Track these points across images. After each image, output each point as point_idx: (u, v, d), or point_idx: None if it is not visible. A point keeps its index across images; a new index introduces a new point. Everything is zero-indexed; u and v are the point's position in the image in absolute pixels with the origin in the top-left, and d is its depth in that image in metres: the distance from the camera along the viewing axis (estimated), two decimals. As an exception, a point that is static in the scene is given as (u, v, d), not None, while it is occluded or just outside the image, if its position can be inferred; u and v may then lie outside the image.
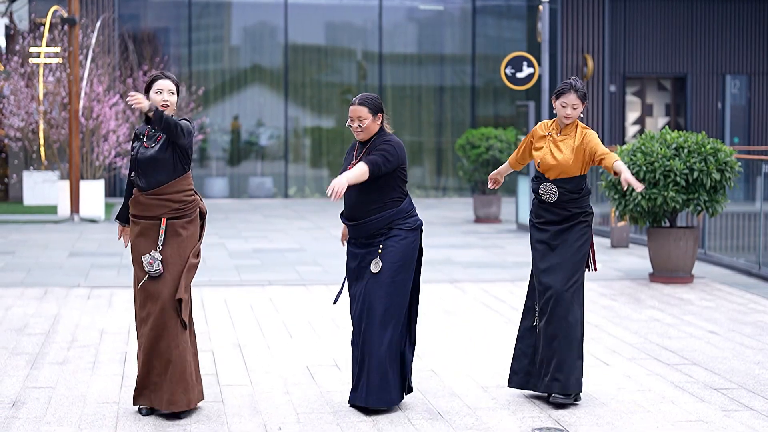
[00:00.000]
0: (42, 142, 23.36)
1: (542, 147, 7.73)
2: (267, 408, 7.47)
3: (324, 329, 10.32)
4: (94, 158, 22.58)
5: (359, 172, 7.14)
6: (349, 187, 7.19)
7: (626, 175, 7.28)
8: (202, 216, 7.42)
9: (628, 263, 14.87)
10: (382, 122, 7.45)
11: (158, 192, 7.18)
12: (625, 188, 7.72)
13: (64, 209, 21.34)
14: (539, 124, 7.88)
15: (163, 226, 7.18)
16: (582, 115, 7.79)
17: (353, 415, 7.28)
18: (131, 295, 12.03)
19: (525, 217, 19.28)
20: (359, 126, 7.37)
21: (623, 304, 11.73)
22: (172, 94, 7.25)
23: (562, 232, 7.64)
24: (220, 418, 7.20)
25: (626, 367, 8.73)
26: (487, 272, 14.09)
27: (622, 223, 16.27)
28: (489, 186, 7.47)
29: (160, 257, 7.14)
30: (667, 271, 13.17)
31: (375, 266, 7.32)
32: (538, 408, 7.52)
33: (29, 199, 24.44)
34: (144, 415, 7.22)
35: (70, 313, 11.00)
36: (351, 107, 7.40)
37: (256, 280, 13.27)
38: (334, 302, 7.74)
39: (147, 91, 7.28)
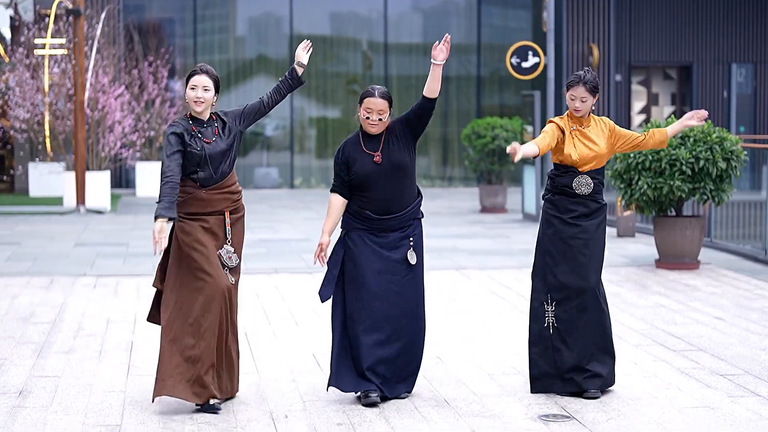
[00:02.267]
0: (47, 133, 23.37)
1: (570, 143, 7.62)
2: (273, 396, 7.47)
3: (330, 318, 10.30)
4: (99, 149, 22.59)
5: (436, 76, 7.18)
6: (384, 185, 7.25)
7: (687, 123, 7.62)
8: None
9: (634, 250, 14.85)
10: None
11: (221, 185, 7.22)
12: (702, 122, 7.66)
13: (70, 200, 21.35)
14: (556, 119, 7.73)
15: (228, 219, 7.25)
16: (594, 108, 7.69)
17: (359, 403, 7.28)
18: (137, 284, 12.07)
19: (531, 207, 19.26)
20: (379, 119, 7.25)
21: (629, 290, 11.72)
22: (206, 90, 7.21)
23: (592, 226, 7.57)
24: (227, 406, 7.20)
25: (632, 354, 8.72)
26: (493, 259, 14.08)
27: (628, 213, 16.25)
28: (507, 151, 7.36)
29: (233, 249, 7.24)
30: (674, 258, 13.16)
31: (412, 257, 7.33)
32: (545, 395, 7.51)
33: (35, 190, 24.46)
34: (219, 410, 7.11)
35: (76, 302, 11.01)
36: (370, 99, 7.23)
37: (262, 268, 13.28)
38: (324, 301, 7.54)
39: (186, 85, 7.31)
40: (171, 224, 7.06)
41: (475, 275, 12.87)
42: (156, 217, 6.91)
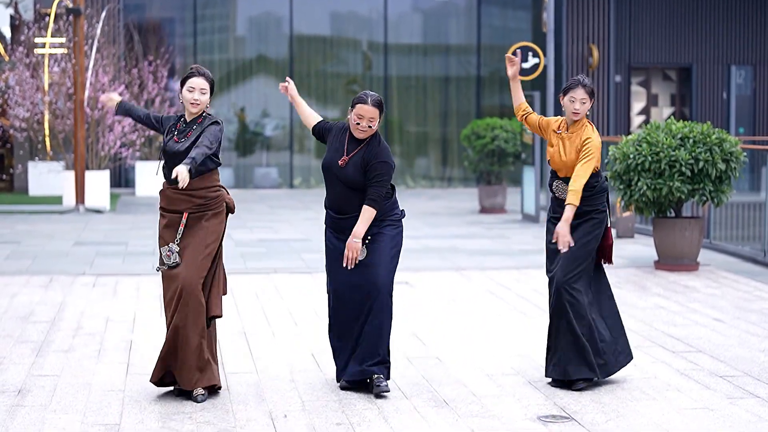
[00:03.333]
0: (47, 132, 23.37)
1: (554, 144, 7.74)
2: (272, 395, 7.47)
3: (329, 318, 10.31)
4: (99, 149, 22.59)
5: (368, 217, 7.29)
6: (336, 184, 7.40)
7: (560, 225, 7.48)
8: (229, 211, 7.53)
9: (633, 251, 14.85)
10: None
11: (184, 188, 7.23)
12: (554, 240, 7.65)
13: (70, 199, 21.35)
14: (552, 119, 7.85)
15: (183, 220, 7.29)
16: (588, 112, 7.77)
17: (358, 402, 7.29)
18: (137, 283, 12.08)
19: (530, 208, 19.27)
20: (369, 126, 7.35)
21: (629, 291, 11.72)
22: (203, 93, 7.32)
23: (572, 228, 7.62)
24: (226, 405, 7.21)
25: (633, 354, 8.71)
26: (492, 260, 14.08)
27: (627, 214, 16.25)
28: (506, 60, 7.52)
29: (177, 249, 7.26)
30: (672, 259, 13.16)
31: (362, 253, 7.41)
32: (544, 396, 7.52)
33: (34, 189, 24.46)
34: (176, 395, 7.35)
35: (76, 301, 11.01)
36: (363, 106, 7.34)
37: (261, 268, 13.28)
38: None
39: (182, 85, 7.38)
40: (116, 101, 7.59)
41: (475, 276, 12.87)
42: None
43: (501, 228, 18.18)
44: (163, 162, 7.38)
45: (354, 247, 7.26)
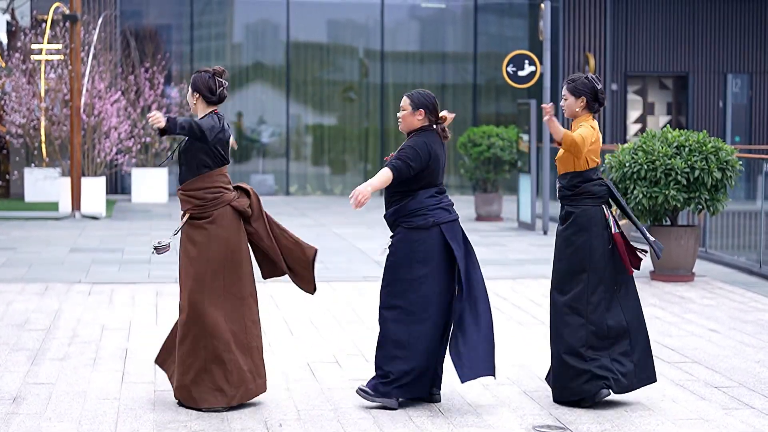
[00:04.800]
0: (43, 138, 23.36)
1: None
2: (268, 405, 7.47)
3: (325, 326, 10.32)
4: (95, 155, 22.58)
5: (383, 178, 7.33)
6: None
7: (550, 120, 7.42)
8: (244, 216, 7.52)
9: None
10: (424, 119, 7.51)
11: (183, 188, 7.40)
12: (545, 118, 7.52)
13: (66, 206, 21.33)
14: None
15: (183, 220, 7.39)
16: (583, 111, 7.68)
17: (354, 412, 7.28)
18: (132, 291, 12.08)
19: (526, 216, 19.26)
20: (400, 115, 7.61)
21: (624, 302, 11.71)
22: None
23: (560, 237, 7.62)
24: (221, 414, 7.20)
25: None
26: (488, 269, 14.06)
27: (623, 222, 16.25)
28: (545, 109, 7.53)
29: (167, 242, 7.38)
30: (668, 270, 13.17)
31: (382, 255, 7.57)
32: (539, 406, 7.52)
33: (30, 195, 24.44)
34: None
35: (71, 309, 11.00)
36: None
37: (256, 277, 13.23)
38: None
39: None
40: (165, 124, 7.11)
41: (470, 284, 12.84)
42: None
43: (497, 236, 18.18)
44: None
45: (362, 191, 7.23)
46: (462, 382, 7.34)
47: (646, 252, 7.67)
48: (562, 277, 7.55)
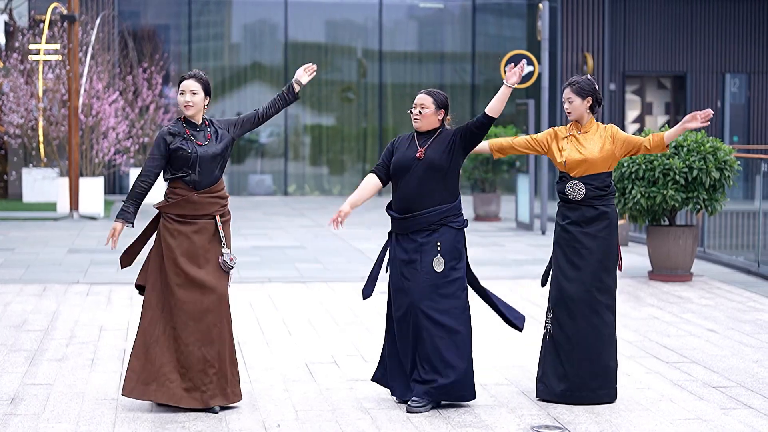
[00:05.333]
0: (41, 139, 23.35)
1: (566, 149, 7.66)
2: (266, 405, 7.47)
3: (323, 326, 10.31)
4: (93, 155, 22.58)
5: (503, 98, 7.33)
6: (410, 180, 7.37)
7: (687, 126, 7.54)
8: None
9: (627, 261, 14.84)
10: (443, 120, 7.51)
11: (212, 189, 7.35)
12: (694, 126, 7.58)
13: (64, 206, 21.33)
14: (560, 127, 7.86)
15: (219, 222, 7.37)
16: (590, 113, 7.72)
17: (352, 413, 7.28)
18: (130, 291, 12.04)
19: (525, 216, 19.27)
20: (420, 112, 7.46)
21: (622, 302, 11.71)
22: (195, 94, 7.39)
23: (587, 236, 7.57)
24: (219, 415, 7.20)
25: (625, 365, 8.72)
26: (486, 270, 14.07)
27: (621, 222, 16.26)
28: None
29: (230, 251, 7.40)
30: (667, 269, 13.17)
31: (438, 264, 7.37)
32: (537, 406, 7.51)
33: (28, 196, 24.44)
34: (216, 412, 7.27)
35: (69, 310, 10.99)
36: (418, 95, 7.52)
37: (255, 277, 13.27)
38: (365, 298, 7.65)
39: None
40: (124, 228, 7.28)
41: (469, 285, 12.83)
42: (117, 217, 7.27)
43: (495, 236, 18.18)
44: (191, 169, 7.32)
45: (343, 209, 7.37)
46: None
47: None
48: (599, 276, 7.54)
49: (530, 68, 19.28)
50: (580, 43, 28.20)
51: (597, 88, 7.71)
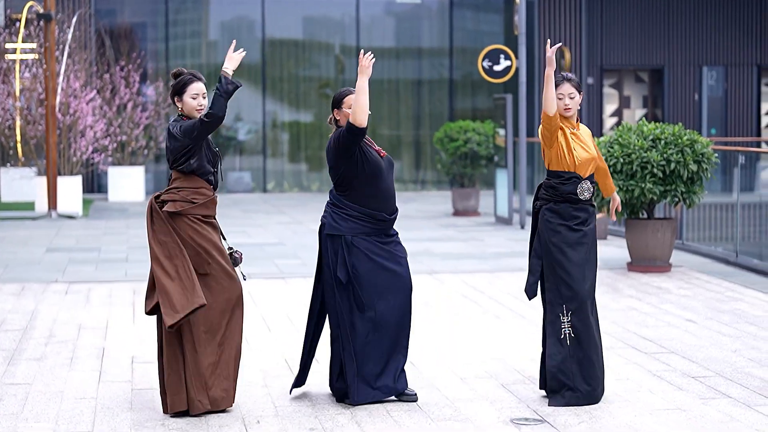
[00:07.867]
0: (19, 138, 23.25)
1: (575, 147, 7.49)
2: (245, 401, 7.46)
3: (303, 322, 10.29)
4: (71, 154, 22.50)
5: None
6: (385, 177, 7.35)
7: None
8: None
9: (606, 253, 14.88)
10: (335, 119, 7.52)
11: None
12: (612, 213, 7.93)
13: (42, 205, 21.26)
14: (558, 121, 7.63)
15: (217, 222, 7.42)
16: (579, 107, 7.72)
17: (332, 408, 7.28)
18: (109, 290, 12.01)
19: (504, 210, 19.29)
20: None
21: (601, 293, 11.72)
22: (206, 98, 7.36)
23: (591, 231, 7.53)
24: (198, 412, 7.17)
25: (605, 357, 8.72)
26: (465, 263, 14.10)
27: (600, 215, 16.29)
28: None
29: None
30: (645, 261, 13.21)
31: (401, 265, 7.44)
32: (517, 399, 7.52)
33: (6, 195, 24.34)
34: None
35: (48, 309, 10.95)
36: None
37: (234, 275, 13.21)
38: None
39: (179, 94, 7.27)
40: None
41: (448, 279, 12.88)
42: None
43: (474, 231, 18.20)
44: (216, 168, 7.33)
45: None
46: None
47: None
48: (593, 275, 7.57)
49: (507, 63, 19.30)
50: (557, 37, 28.23)
51: None
